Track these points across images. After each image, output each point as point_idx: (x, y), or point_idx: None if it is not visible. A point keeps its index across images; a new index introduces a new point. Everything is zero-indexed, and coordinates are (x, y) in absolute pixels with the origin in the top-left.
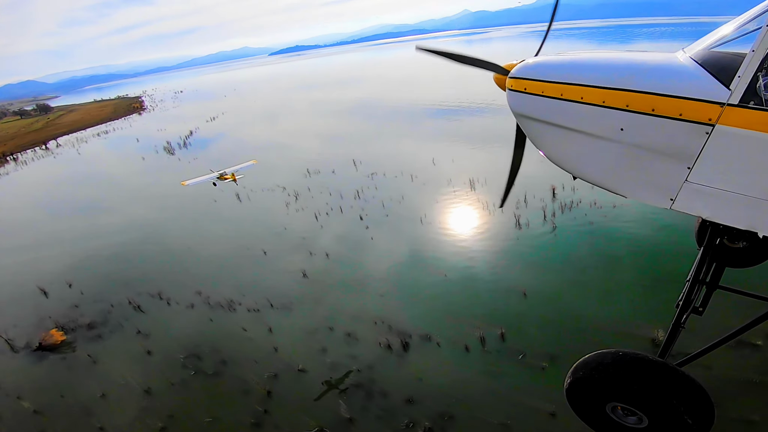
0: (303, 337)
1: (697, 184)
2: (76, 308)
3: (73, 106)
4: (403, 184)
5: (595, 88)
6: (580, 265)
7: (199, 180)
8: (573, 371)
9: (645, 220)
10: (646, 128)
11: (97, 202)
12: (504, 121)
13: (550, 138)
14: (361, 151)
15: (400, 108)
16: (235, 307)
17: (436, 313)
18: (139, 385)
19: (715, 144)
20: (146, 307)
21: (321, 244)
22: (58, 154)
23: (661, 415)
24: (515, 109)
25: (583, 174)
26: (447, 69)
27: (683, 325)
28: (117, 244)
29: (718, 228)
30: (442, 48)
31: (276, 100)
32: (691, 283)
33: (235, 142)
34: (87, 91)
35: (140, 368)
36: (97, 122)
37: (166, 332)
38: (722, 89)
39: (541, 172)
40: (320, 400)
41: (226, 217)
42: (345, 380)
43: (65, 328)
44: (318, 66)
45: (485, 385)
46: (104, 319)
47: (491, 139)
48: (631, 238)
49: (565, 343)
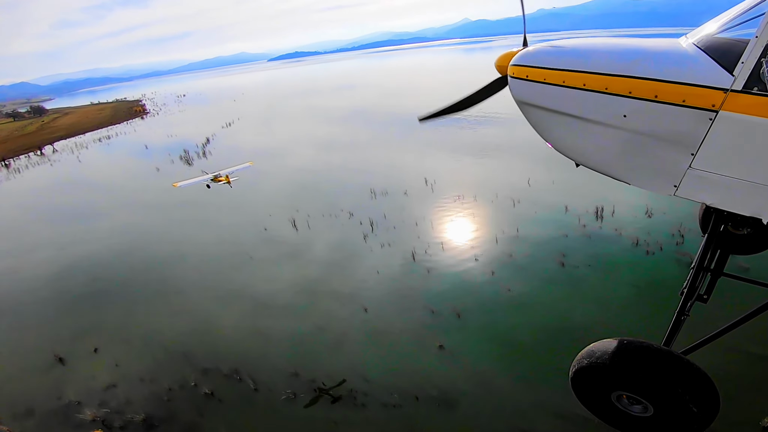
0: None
1: (700, 170)
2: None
3: (69, 108)
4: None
5: (598, 74)
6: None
7: (192, 182)
8: (578, 360)
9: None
10: (649, 115)
11: (123, 234)
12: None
13: (552, 125)
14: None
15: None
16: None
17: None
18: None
19: (719, 130)
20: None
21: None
22: (56, 161)
23: (666, 404)
24: (517, 96)
25: (586, 161)
26: (453, 78)
27: (687, 312)
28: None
29: (723, 214)
30: (442, 106)
31: (291, 105)
32: (695, 270)
33: (259, 151)
34: (81, 94)
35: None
36: (96, 126)
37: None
38: (726, 75)
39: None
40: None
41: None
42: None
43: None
44: (323, 72)
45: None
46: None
47: (488, 149)
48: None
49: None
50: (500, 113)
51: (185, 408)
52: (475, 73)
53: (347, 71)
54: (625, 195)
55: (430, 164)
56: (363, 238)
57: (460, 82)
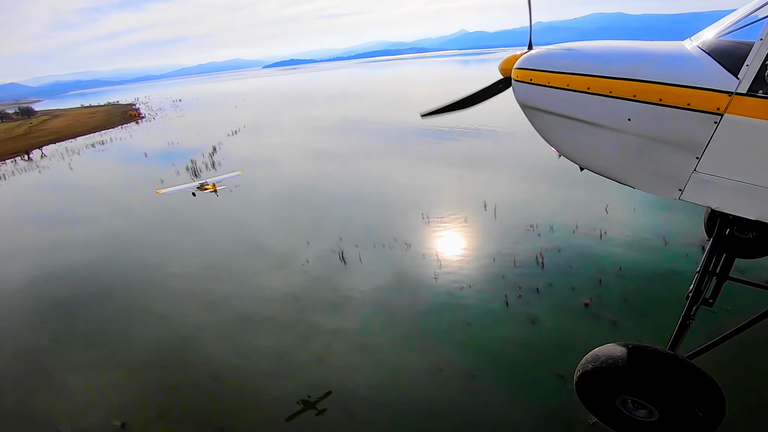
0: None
1: (705, 174)
2: None
3: (59, 110)
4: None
5: (602, 78)
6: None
7: (177, 189)
8: (582, 364)
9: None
10: (653, 118)
11: (138, 274)
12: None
13: (556, 129)
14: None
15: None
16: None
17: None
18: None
19: (724, 133)
20: None
21: None
22: (44, 168)
23: (671, 408)
24: (521, 100)
25: (590, 165)
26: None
27: (693, 317)
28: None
29: (728, 218)
30: (444, 104)
31: (296, 113)
32: (700, 274)
33: (273, 163)
34: (71, 97)
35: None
36: (88, 130)
37: None
38: (730, 78)
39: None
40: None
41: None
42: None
43: None
44: (322, 80)
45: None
46: None
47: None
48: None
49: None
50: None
51: (161, 419)
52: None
53: (347, 80)
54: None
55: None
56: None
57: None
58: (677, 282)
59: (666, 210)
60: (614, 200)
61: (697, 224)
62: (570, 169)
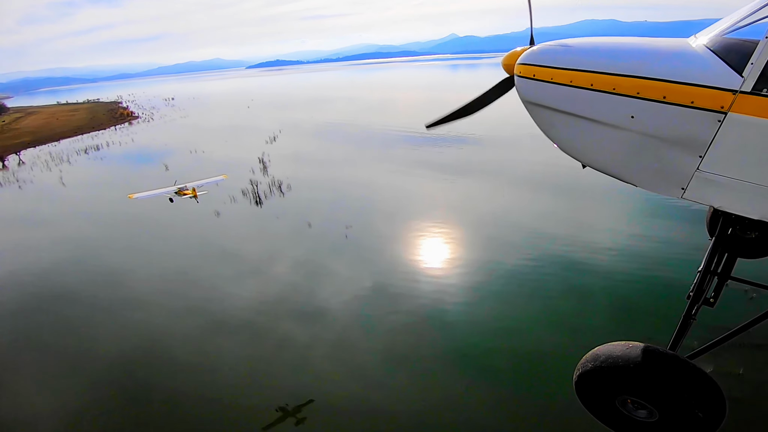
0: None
1: (708, 173)
2: None
3: (33, 107)
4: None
5: (606, 74)
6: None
7: (152, 194)
8: (582, 363)
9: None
10: (657, 116)
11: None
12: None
13: (559, 126)
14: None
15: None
16: None
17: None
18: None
19: (728, 132)
20: None
21: None
22: (25, 183)
23: (671, 409)
24: (524, 96)
25: (593, 162)
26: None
27: (694, 317)
28: None
29: (730, 218)
30: (448, 112)
31: (330, 115)
32: (702, 274)
33: (371, 187)
34: (41, 93)
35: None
36: (72, 131)
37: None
38: (735, 76)
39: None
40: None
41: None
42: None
43: None
44: (321, 80)
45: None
46: None
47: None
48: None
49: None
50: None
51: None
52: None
53: (347, 81)
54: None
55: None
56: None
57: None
58: (673, 286)
59: (657, 217)
60: (612, 201)
61: (697, 226)
62: (559, 175)
